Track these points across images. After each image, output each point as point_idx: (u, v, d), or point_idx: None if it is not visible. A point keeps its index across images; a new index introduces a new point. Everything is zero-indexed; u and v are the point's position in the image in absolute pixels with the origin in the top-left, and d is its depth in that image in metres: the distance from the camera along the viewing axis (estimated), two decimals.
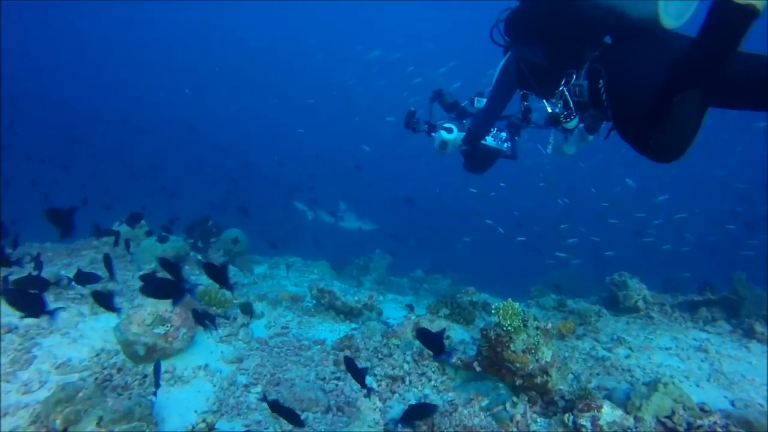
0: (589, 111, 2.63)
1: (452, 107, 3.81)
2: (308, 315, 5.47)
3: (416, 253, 12.58)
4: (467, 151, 3.66)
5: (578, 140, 3.57)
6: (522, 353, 3.46)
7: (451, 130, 3.52)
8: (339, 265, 10.21)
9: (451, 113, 3.82)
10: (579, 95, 2.60)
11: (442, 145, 3.56)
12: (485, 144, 3.59)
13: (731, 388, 4.15)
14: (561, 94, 2.66)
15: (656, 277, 7.50)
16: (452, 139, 3.51)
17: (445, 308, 4.72)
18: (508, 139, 3.64)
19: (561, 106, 2.70)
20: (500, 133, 3.63)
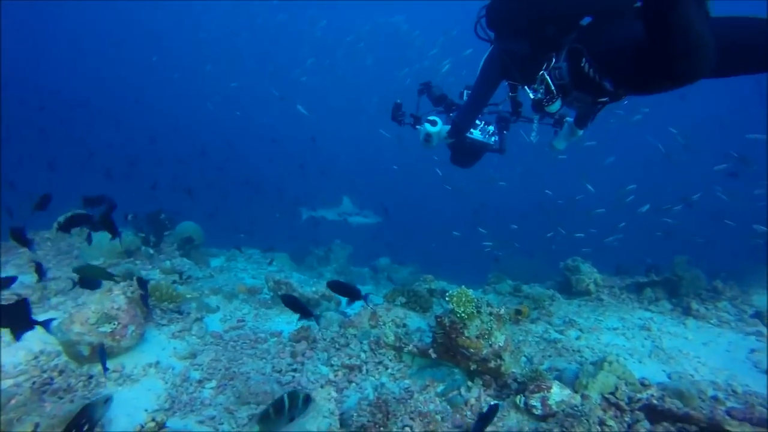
0: (573, 93, 2.59)
1: (440, 100, 3.75)
2: (265, 307, 5.38)
3: (376, 243, 12.61)
4: (453, 145, 3.63)
5: (568, 135, 3.60)
6: (476, 339, 3.54)
7: (436, 122, 3.45)
8: (299, 256, 10.09)
9: (438, 106, 3.77)
10: (559, 78, 2.58)
11: (427, 137, 3.48)
12: (472, 138, 3.56)
13: (669, 362, 4.41)
14: (542, 79, 2.64)
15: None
16: (436, 132, 3.44)
17: (402, 297, 4.75)
18: (495, 132, 3.61)
19: (543, 91, 2.67)
20: (488, 126, 3.61)
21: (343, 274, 9.37)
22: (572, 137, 3.56)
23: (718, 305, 5.93)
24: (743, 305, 6.09)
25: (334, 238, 10.91)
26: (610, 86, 2.24)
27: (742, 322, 5.54)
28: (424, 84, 3.83)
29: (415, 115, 3.63)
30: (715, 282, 6.30)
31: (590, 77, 2.31)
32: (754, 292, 6.76)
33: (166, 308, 4.44)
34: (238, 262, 8.53)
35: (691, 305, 5.65)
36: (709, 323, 5.45)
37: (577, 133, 3.50)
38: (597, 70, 2.28)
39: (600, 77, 2.27)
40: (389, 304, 4.69)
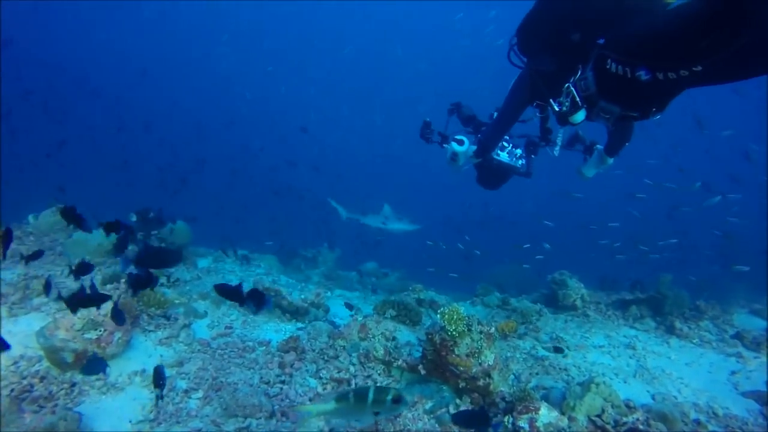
0: (599, 104, 2.53)
1: (469, 120, 3.74)
2: (254, 314, 5.32)
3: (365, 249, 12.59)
4: (480, 165, 3.63)
5: (598, 163, 3.60)
6: (466, 357, 3.55)
7: (463, 142, 3.46)
8: (286, 258, 10.03)
9: (468, 126, 3.76)
10: (585, 89, 2.55)
11: (453, 156, 3.50)
12: (499, 159, 3.57)
13: (653, 382, 4.48)
14: (567, 91, 2.62)
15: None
16: (463, 151, 3.46)
17: (392, 309, 4.75)
18: (523, 156, 3.61)
19: (568, 104, 2.64)
20: (516, 149, 3.61)
21: (331, 278, 9.33)
22: (602, 165, 3.56)
23: (700, 324, 6.05)
24: (724, 325, 6.22)
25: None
26: (646, 74, 2.09)
27: (723, 342, 5.66)
28: (454, 104, 3.83)
29: (443, 133, 3.64)
30: (698, 301, 6.42)
31: (619, 75, 2.22)
32: (735, 311, 6.92)
33: (154, 313, 4.37)
34: (225, 263, 8.44)
35: (675, 324, 5.75)
36: (692, 343, 5.56)
37: (607, 161, 3.49)
38: (627, 63, 2.17)
39: (632, 70, 2.14)
40: (379, 317, 4.68)
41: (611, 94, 2.45)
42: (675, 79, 2.05)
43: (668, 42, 2.01)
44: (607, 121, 2.64)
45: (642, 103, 2.42)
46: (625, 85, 2.23)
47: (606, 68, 2.30)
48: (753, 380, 4.76)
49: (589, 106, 2.59)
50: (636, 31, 2.19)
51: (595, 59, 2.43)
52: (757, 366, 5.12)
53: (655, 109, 2.41)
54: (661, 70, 2.05)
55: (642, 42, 2.14)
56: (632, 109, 2.47)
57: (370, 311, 5.64)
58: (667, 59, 2.01)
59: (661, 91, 2.31)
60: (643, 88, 2.18)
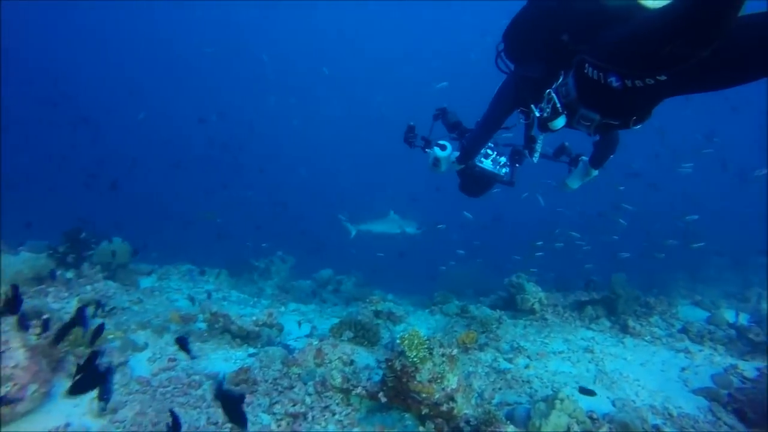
0: (580, 110, 2.49)
1: (454, 127, 3.67)
2: (200, 340, 4.92)
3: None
4: (463, 172, 3.58)
5: (582, 174, 3.62)
6: (428, 383, 3.38)
7: (445, 147, 3.42)
8: (238, 270, 9.54)
9: (453, 132, 3.67)
10: (566, 95, 2.51)
11: (435, 162, 3.46)
12: (482, 167, 3.50)
13: (612, 387, 4.52)
14: (549, 98, 2.57)
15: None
16: (445, 156, 3.43)
17: (349, 331, 4.51)
18: (507, 164, 3.53)
19: (549, 110, 2.59)
20: (500, 157, 3.53)
21: (285, 290, 8.96)
22: (587, 177, 3.57)
23: (650, 320, 6.24)
24: (671, 319, 6.45)
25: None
26: (616, 81, 2.08)
27: (672, 337, 5.85)
28: (440, 109, 3.77)
29: (426, 138, 3.61)
30: (647, 297, 6.63)
31: (595, 81, 2.19)
32: (678, 303, 7.21)
33: (82, 353, 3.89)
34: (171, 281, 7.90)
35: (628, 323, 5.89)
36: (645, 340, 5.70)
37: (591, 173, 3.52)
38: (601, 68, 2.15)
39: (605, 76, 2.12)
40: (335, 340, 4.43)
41: (590, 100, 2.41)
42: (643, 87, 2.02)
43: (634, 49, 1.98)
44: (588, 128, 2.61)
45: (620, 110, 2.38)
46: (601, 91, 2.20)
47: (585, 73, 2.26)
48: (701, 375, 4.92)
49: (569, 113, 2.56)
50: (611, 37, 2.16)
51: (576, 65, 2.39)
52: (703, 360, 5.31)
53: (635, 118, 2.37)
54: (628, 77, 2.03)
55: (613, 48, 2.11)
56: (611, 116, 2.43)
57: (326, 327, 5.39)
58: (633, 67, 2.00)
59: (636, 99, 2.27)
60: (617, 95, 2.15)
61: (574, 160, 3.65)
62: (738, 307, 6.77)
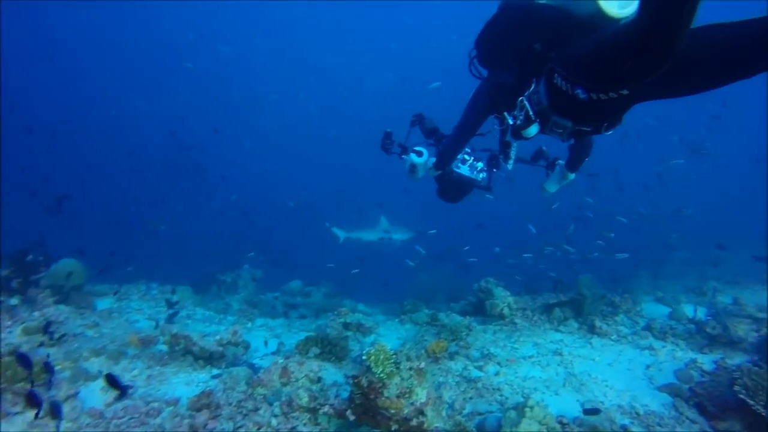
0: (552, 118, 2.50)
1: (431, 133, 3.67)
2: (161, 364, 4.70)
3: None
4: (440, 178, 3.59)
5: (559, 178, 3.65)
6: (396, 398, 3.30)
7: (422, 153, 3.45)
8: (203, 285, 9.23)
9: (430, 139, 3.68)
10: (538, 103, 2.51)
11: (412, 168, 3.49)
12: (459, 172, 3.51)
13: (581, 390, 4.55)
14: (521, 105, 2.57)
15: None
16: (422, 163, 3.45)
17: (315, 347, 4.39)
18: (484, 169, 3.54)
19: (522, 118, 2.59)
20: (477, 163, 3.54)
21: (253, 304, 8.71)
22: (564, 180, 3.61)
23: (616, 319, 6.36)
24: (636, 317, 6.60)
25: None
26: (582, 93, 2.11)
27: (637, 335, 5.98)
28: (416, 115, 3.77)
29: (403, 144, 3.62)
30: (613, 296, 6.76)
31: (563, 91, 2.22)
32: (641, 299, 7.42)
33: (21, 390, 3.60)
34: (131, 301, 7.56)
35: (595, 323, 5.98)
36: (611, 340, 5.80)
37: (568, 176, 3.56)
38: (568, 80, 2.17)
39: (572, 87, 2.15)
40: (302, 357, 4.30)
41: (561, 108, 2.42)
42: (607, 100, 2.04)
43: (595, 66, 2.02)
44: (561, 135, 2.62)
45: (591, 118, 2.40)
46: (570, 101, 2.22)
47: (554, 83, 2.28)
48: (665, 372, 5.03)
49: (542, 120, 2.57)
50: (577, 49, 2.19)
51: (546, 73, 2.41)
52: (666, 356, 5.44)
53: (606, 125, 2.39)
54: (594, 91, 2.06)
55: (577, 63, 2.14)
56: (583, 123, 2.45)
57: (294, 342, 5.23)
58: (596, 82, 2.03)
59: (604, 109, 2.29)
60: (585, 105, 2.17)
61: (551, 164, 3.70)
62: (696, 302, 7.00)
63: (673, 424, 4.15)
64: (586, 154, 3.45)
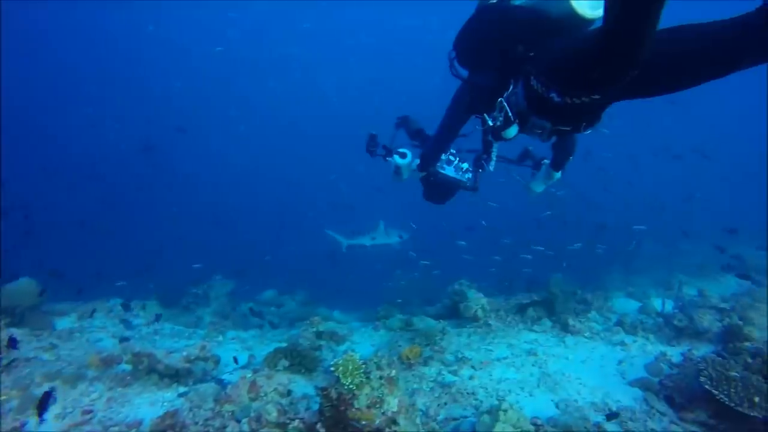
0: (531, 119, 2.50)
1: (417, 134, 3.67)
2: (123, 385, 4.47)
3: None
4: (426, 180, 3.57)
5: (545, 177, 3.64)
6: (367, 409, 3.21)
7: (405, 155, 3.45)
8: (172, 298, 8.92)
9: (415, 140, 3.68)
10: (516, 104, 2.50)
11: (396, 170, 3.49)
12: (444, 173, 3.48)
13: (555, 389, 4.56)
14: (501, 106, 2.55)
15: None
16: (406, 164, 3.45)
17: (284, 359, 4.26)
18: (470, 170, 3.51)
19: (501, 119, 2.58)
20: (462, 163, 3.51)
21: (225, 316, 8.47)
22: (549, 180, 3.62)
23: (588, 316, 6.43)
24: (607, 313, 6.70)
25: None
26: (557, 97, 2.11)
27: (609, 331, 6.05)
28: (401, 117, 3.77)
29: (387, 146, 3.61)
30: (585, 294, 6.85)
31: (539, 93, 2.21)
32: (613, 296, 7.54)
33: None
34: (95, 319, 7.22)
35: (568, 321, 6.03)
36: (584, 337, 5.85)
37: (554, 176, 3.55)
38: (542, 83, 2.17)
39: (546, 90, 2.15)
40: (270, 370, 4.16)
41: (539, 110, 2.42)
42: (580, 104, 2.05)
43: (565, 72, 2.05)
44: (540, 136, 2.62)
45: (568, 119, 2.40)
46: (547, 103, 2.21)
47: (531, 85, 2.27)
48: (636, 366, 5.10)
49: (521, 121, 2.56)
50: (550, 53, 2.20)
51: (524, 75, 2.40)
52: (637, 350, 5.53)
53: (585, 124, 2.39)
54: (567, 95, 2.07)
55: (549, 68, 2.16)
56: (562, 124, 2.45)
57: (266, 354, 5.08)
58: (567, 87, 2.05)
59: (580, 110, 2.28)
60: (561, 107, 2.17)
61: (538, 164, 3.71)
62: (664, 295, 7.15)
63: (645, 418, 4.19)
64: (571, 153, 3.47)
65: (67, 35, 28.24)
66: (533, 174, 3.76)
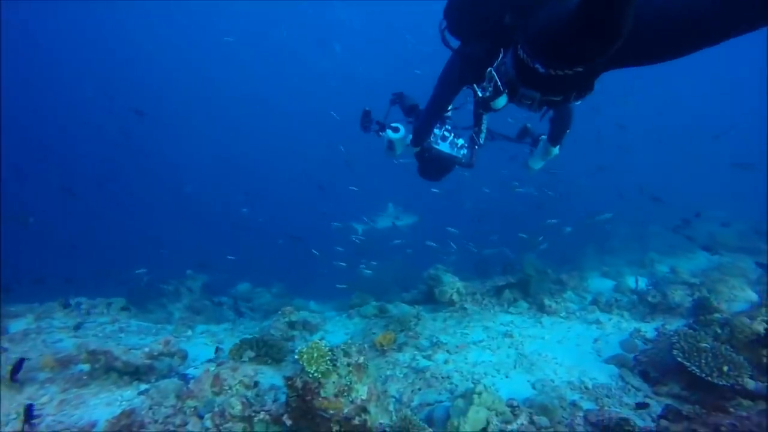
0: (520, 90, 2.35)
1: (411, 110, 3.59)
2: (78, 386, 4.20)
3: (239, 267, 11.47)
4: (420, 156, 3.49)
5: (543, 154, 3.54)
6: (334, 398, 3.05)
7: (398, 129, 3.39)
8: (142, 296, 8.59)
9: (410, 117, 3.60)
10: (505, 74, 2.37)
11: (389, 145, 3.43)
12: (438, 149, 3.40)
13: (532, 370, 4.49)
14: (490, 76, 2.43)
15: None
16: (399, 138, 3.38)
17: (250, 350, 4.06)
18: (465, 146, 3.41)
19: (491, 89, 2.46)
20: (457, 139, 3.41)
21: (197, 310, 8.19)
22: (547, 156, 3.53)
23: (564, 296, 6.41)
24: (583, 293, 6.70)
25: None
26: (541, 68, 2.01)
27: (584, 310, 6.04)
28: (396, 94, 3.71)
29: (381, 122, 3.55)
30: (560, 274, 6.83)
31: (525, 63, 2.11)
32: (588, 275, 7.56)
33: None
34: (53, 319, 6.84)
35: (544, 302, 5.98)
36: (560, 317, 5.82)
37: (552, 151, 3.47)
38: (528, 53, 2.07)
39: (532, 61, 2.05)
40: (235, 362, 3.95)
41: (526, 80, 2.29)
42: (564, 75, 1.97)
43: (547, 44, 1.93)
44: (530, 107, 2.48)
45: (557, 89, 2.27)
46: (533, 73, 2.10)
47: (518, 54, 2.16)
48: (611, 344, 5.08)
49: (510, 91, 2.43)
50: (535, 23, 2.06)
51: (513, 44, 2.28)
52: (612, 328, 5.52)
53: (575, 94, 2.26)
54: (550, 67, 1.99)
55: (532, 39, 2.03)
56: (551, 94, 2.31)
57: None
58: (549, 59, 1.97)
59: (567, 81, 2.15)
60: (547, 78, 2.06)
61: (536, 141, 3.62)
62: (638, 273, 7.20)
63: (620, 394, 4.16)
64: (567, 126, 3.38)
65: (67, 35, 27.12)
66: (531, 151, 3.68)
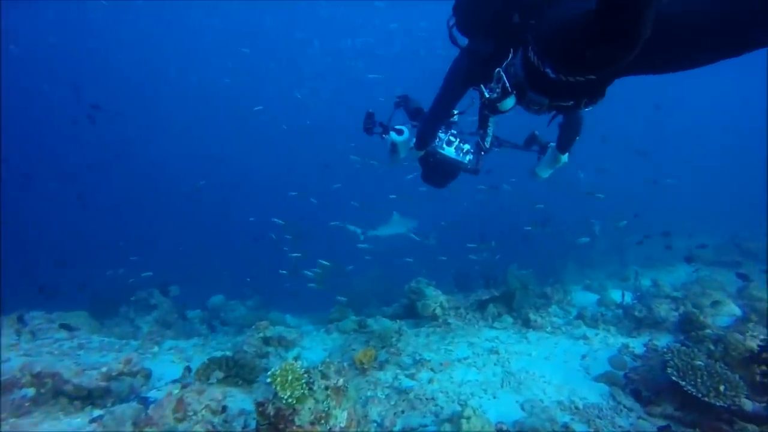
0: (528, 94, 2.20)
1: (416, 114, 3.49)
2: (20, 414, 3.75)
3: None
4: (424, 161, 3.39)
5: (551, 161, 3.44)
6: (310, 426, 2.75)
7: (402, 131, 3.31)
8: (106, 308, 8.06)
9: (415, 120, 3.48)
10: (514, 75, 2.21)
11: (393, 148, 3.35)
12: (443, 154, 3.29)
13: (520, 389, 4.26)
14: (498, 77, 2.27)
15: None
16: (402, 141, 3.30)
17: (219, 370, 3.71)
18: (471, 151, 3.26)
19: (499, 91, 2.30)
20: (463, 144, 3.26)
21: (167, 323, 7.72)
22: (556, 164, 3.40)
23: (549, 311, 6.25)
24: (568, 306, 6.55)
25: None
26: (552, 73, 1.87)
27: (570, 325, 5.88)
28: (401, 97, 3.62)
29: (384, 124, 3.45)
30: (544, 288, 6.68)
31: (535, 66, 1.97)
32: (572, 289, 7.44)
33: None
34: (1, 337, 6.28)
35: (529, 316, 5.81)
36: (546, 332, 5.64)
37: (560, 159, 3.34)
38: (539, 56, 1.94)
39: (542, 65, 1.91)
40: (202, 384, 3.60)
41: (535, 84, 2.15)
42: (574, 82, 1.84)
43: (559, 49, 1.82)
44: (538, 112, 2.35)
45: (567, 96, 2.13)
46: (543, 78, 1.96)
47: (528, 56, 2.02)
48: (599, 360, 4.92)
49: (519, 94, 2.29)
50: (546, 25, 1.95)
51: (523, 45, 2.14)
52: (599, 343, 5.36)
53: (586, 101, 2.12)
54: (561, 72, 1.86)
55: (544, 41, 1.91)
56: (561, 100, 2.17)
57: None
58: (561, 65, 1.84)
59: (578, 88, 2.02)
60: (556, 84, 1.93)
61: (544, 148, 3.49)
62: (621, 287, 7.12)
63: (612, 414, 3.97)
64: (577, 133, 3.23)
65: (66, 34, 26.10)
66: (539, 159, 3.54)
